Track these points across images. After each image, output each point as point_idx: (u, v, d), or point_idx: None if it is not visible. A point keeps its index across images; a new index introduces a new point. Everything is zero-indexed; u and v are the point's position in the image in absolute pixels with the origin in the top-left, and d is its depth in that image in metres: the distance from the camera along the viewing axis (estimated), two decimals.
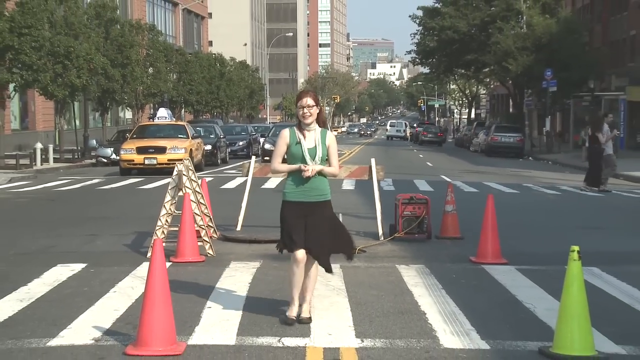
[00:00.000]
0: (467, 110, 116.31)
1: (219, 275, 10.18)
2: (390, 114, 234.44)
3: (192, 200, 11.63)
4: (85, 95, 39.89)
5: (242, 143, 43.97)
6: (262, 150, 36.95)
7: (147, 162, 28.45)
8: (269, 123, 76.38)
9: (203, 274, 10.33)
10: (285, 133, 7.65)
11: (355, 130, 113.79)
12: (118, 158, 30.35)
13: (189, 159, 13.75)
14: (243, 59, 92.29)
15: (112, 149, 35.01)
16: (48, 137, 42.36)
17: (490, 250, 11.28)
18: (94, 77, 36.57)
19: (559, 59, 49.44)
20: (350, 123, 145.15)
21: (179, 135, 30.87)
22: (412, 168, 36.24)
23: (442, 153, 56.67)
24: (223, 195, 19.81)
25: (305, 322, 7.59)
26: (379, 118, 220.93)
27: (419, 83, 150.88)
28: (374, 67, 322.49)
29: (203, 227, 11.93)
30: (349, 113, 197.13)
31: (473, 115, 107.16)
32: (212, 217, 12.82)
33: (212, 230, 12.53)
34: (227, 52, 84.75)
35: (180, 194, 11.82)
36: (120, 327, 7.74)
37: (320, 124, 7.69)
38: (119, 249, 12.44)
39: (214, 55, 73.84)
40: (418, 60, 77.23)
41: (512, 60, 52.68)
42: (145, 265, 9.88)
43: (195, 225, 11.60)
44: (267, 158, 30.77)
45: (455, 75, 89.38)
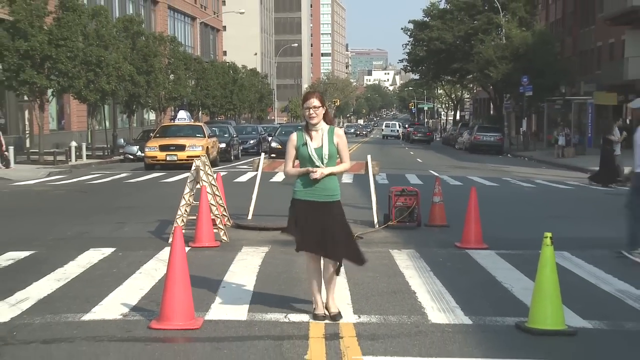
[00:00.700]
0: (452, 113, 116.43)
1: (232, 259, 10.19)
2: (384, 116, 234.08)
3: (208, 192, 11.65)
4: (114, 99, 39.91)
5: (252, 141, 43.93)
6: (269, 148, 36.95)
7: (168, 158, 28.62)
8: (276, 124, 76.22)
9: (218, 258, 10.35)
10: (293, 136, 7.07)
11: (352, 131, 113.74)
12: (143, 155, 30.44)
13: (206, 156, 13.77)
14: (253, 67, 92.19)
15: (137, 147, 34.98)
16: (81, 136, 42.38)
17: (473, 237, 11.31)
18: (122, 83, 36.57)
19: (534, 67, 49.48)
20: (348, 124, 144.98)
21: (197, 135, 30.88)
22: (404, 164, 36.22)
23: (430, 150, 56.63)
24: (236, 188, 19.82)
25: (338, 318, 6.98)
26: (375, 119, 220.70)
27: (410, 88, 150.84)
28: (370, 74, 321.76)
29: (218, 216, 11.95)
30: (348, 115, 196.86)
31: (458, 117, 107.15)
32: (226, 207, 12.83)
33: (226, 219, 12.54)
34: (239, 60, 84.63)
35: (198, 187, 11.84)
36: (145, 304, 7.77)
37: (328, 123, 7.08)
38: (144, 235, 12.46)
39: (228, 64, 73.79)
40: (409, 68, 77.31)
41: (492, 68, 52.78)
42: (167, 250, 9.88)
43: (211, 214, 11.61)
44: (273, 155, 30.76)
45: (442, 81, 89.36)
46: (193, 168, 12.03)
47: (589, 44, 56.61)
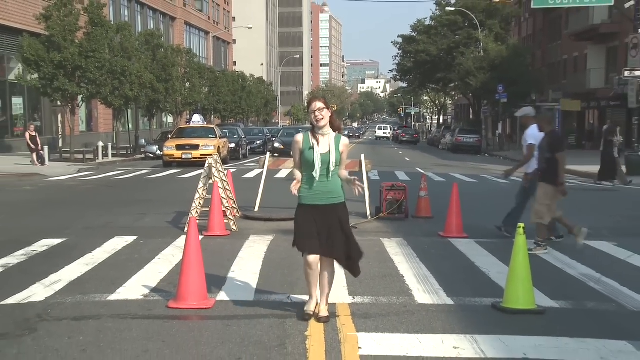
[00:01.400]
0: (436, 117, 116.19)
1: (241, 246, 10.20)
2: (376, 120, 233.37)
3: (219, 187, 11.65)
4: (137, 104, 39.83)
5: (259, 142, 43.91)
6: (272, 148, 36.93)
7: (184, 156, 28.55)
8: (280, 126, 76.23)
9: (228, 245, 10.35)
10: (299, 138, 6.27)
11: (346, 133, 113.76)
12: (162, 153, 30.36)
13: (218, 155, 13.74)
14: (260, 76, 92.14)
15: (157, 147, 34.86)
16: (107, 137, 42.33)
17: (455, 227, 11.32)
18: (144, 90, 36.52)
19: (509, 77, 49.48)
20: (343, 127, 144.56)
21: (209, 136, 30.73)
22: (393, 162, 36.20)
23: (417, 150, 56.60)
24: (244, 183, 19.81)
25: (324, 321, 6.27)
26: (367, 123, 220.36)
27: (399, 95, 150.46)
28: (364, 82, 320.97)
29: (228, 208, 11.95)
30: (344, 119, 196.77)
31: (441, 121, 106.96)
32: (235, 200, 12.83)
33: (235, 211, 12.54)
34: (247, 70, 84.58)
35: (211, 182, 11.85)
36: (164, 286, 7.77)
37: (335, 130, 6.32)
38: (163, 225, 12.46)
39: (237, 73, 73.70)
40: (398, 77, 77.14)
41: (472, 78, 52.78)
42: (183, 238, 9.87)
43: (222, 207, 11.62)
44: (276, 154, 30.78)
45: (428, 89, 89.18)
46: (206, 165, 12.04)
47: (556, 57, 56.78)
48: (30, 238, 10.85)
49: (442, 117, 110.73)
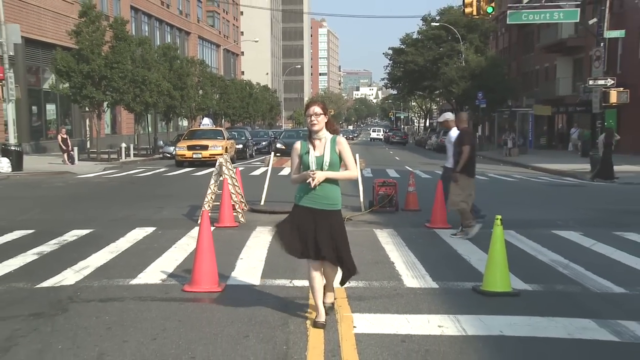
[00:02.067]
0: (423, 120, 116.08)
1: (248, 236, 10.19)
2: (369, 123, 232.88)
3: (229, 183, 11.64)
4: (155, 110, 39.79)
5: (264, 143, 43.78)
6: (275, 149, 36.77)
7: (194, 156, 28.13)
8: (282, 129, 76.18)
9: (237, 235, 10.34)
10: (297, 145, 5.68)
11: (341, 135, 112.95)
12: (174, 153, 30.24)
13: (228, 154, 13.70)
14: (265, 84, 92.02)
15: (173, 147, 34.82)
16: (130, 139, 42.31)
17: (439, 218, 11.33)
18: (161, 97, 36.47)
19: (487, 85, 49.42)
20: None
21: (218, 137, 30.33)
22: (385, 161, 36.19)
23: (406, 150, 56.58)
24: (251, 180, 19.80)
25: (329, 311, 5.88)
26: (361, 126, 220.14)
27: (390, 101, 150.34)
28: (358, 89, 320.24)
29: (237, 202, 11.94)
30: (340, 122, 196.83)
31: (428, 124, 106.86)
32: (243, 195, 12.82)
33: (243, 205, 12.53)
34: (254, 79, 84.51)
35: (221, 179, 11.84)
36: (179, 272, 7.76)
37: (332, 132, 5.68)
38: (178, 217, 12.45)
39: (245, 81, 73.67)
40: (389, 85, 77.26)
41: (455, 86, 52.74)
42: (196, 229, 9.88)
43: (232, 201, 11.61)
44: (278, 154, 30.59)
45: (415, 95, 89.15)
46: (217, 164, 12.04)
47: (529, 67, 56.75)
48: (62, 229, 10.86)
49: (428, 120, 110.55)
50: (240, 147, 34.55)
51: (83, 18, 31.23)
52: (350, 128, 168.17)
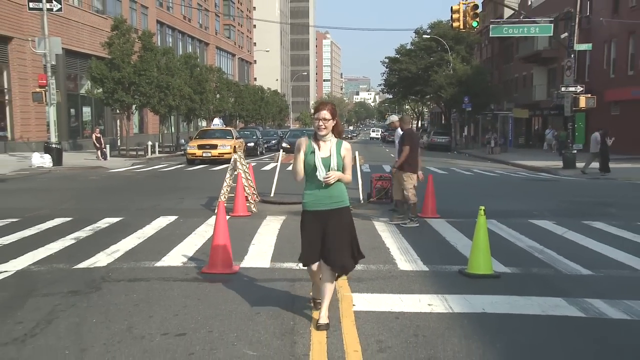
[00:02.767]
0: (416, 122, 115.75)
1: (259, 224, 10.18)
2: (368, 124, 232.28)
3: (243, 177, 11.63)
4: (178, 112, 39.78)
5: (274, 141, 43.64)
6: (281, 147, 36.55)
7: (204, 155, 26.42)
8: (290, 129, 76.13)
9: (249, 224, 10.32)
10: (303, 141, 4.99)
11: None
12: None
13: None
14: (275, 89, 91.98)
15: None
16: (155, 137, 42.35)
17: (430, 209, 11.30)
18: (183, 100, 36.47)
19: (472, 91, 49.26)
20: None
21: (227, 137, 28.38)
22: (381, 158, 36.09)
23: None
24: (262, 174, 19.80)
25: (323, 328, 4.95)
26: (360, 127, 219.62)
27: (386, 104, 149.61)
28: (358, 94, 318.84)
29: (249, 194, 11.94)
30: (342, 123, 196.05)
31: (419, 125, 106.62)
32: (255, 187, 12.82)
33: (255, 196, 12.53)
34: (265, 84, 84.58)
35: (235, 173, 11.83)
36: (198, 255, 7.76)
37: (336, 135, 5.04)
38: (197, 207, 12.44)
39: (257, 87, 73.62)
40: (385, 90, 76.66)
41: (443, 91, 52.54)
42: (213, 218, 9.86)
43: (245, 193, 11.61)
44: (284, 152, 30.44)
45: (409, 99, 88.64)
46: (232, 160, 12.03)
47: (509, 75, 56.63)
48: (96, 217, 10.88)
49: (420, 122, 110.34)
50: (252, 145, 34.32)
51: (115, 31, 31.27)
52: (351, 128, 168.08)
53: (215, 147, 26.73)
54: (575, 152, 25.98)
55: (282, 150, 15.92)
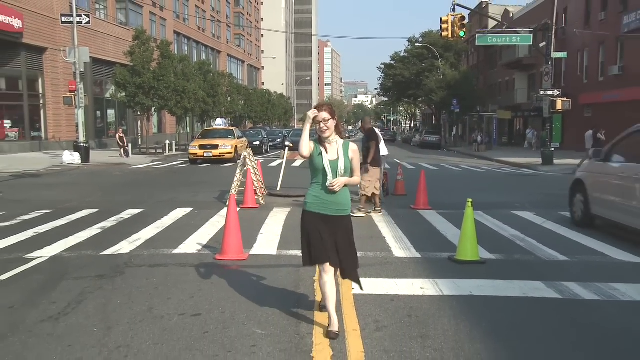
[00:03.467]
0: (409, 122, 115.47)
1: (267, 215, 10.17)
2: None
3: (252, 172, 11.62)
4: (193, 113, 39.82)
5: (279, 140, 43.54)
6: (284, 146, 36.05)
7: (205, 155, 24.25)
8: (293, 129, 76.19)
9: (258, 215, 10.32)
10: (311, 143, 4.44)
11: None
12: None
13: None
14: (281, 92, 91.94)
15: None
16: (172, 137, 42.31)
17: (422, 202, 11.28)
18: (198, 103, 36.48)
19: (460, 94, 49.17)
20: None
21: (228, 137, 25.93)
22: None
23: (394, 146, 56.24)
24: (269, 170, 19.79)
25: (331, 335, 4.33)
26: (358, 127, 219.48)
27: (382, 106, 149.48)
28: (356, 97, 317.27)
29: (258, 187, 11.92)
30: (342, 124, 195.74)
31: (412, 125, 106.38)
32: (263, 182, 12.81)
33: (263, 190, 12.52)
34: (272, 88, 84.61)
35: (245, 169, 11.82)
36: (212, 243, 7.75)
37: (338, 134, 4.51)
38: (211, 200, 12.44)
39: (265, 90, 73.69)
40: (381, 93, 76.74)
41: (434, 94, 52.46)
42: (225, 209, 9.82)
43: (254, 187, 11.60)
44: (289, 151, 30.20)
45: (403, 102, 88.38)
46: (242, 157, 12.03)
47: (494, 80, 56.49)
48: (119, 208, 10.89)
49: (413, 122, 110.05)
50: (258, 144, 33.86)
51: (136, 41, 31.30)
52: (350, 128, 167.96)
53: (217, 147, 24.60)
54: (553, 150, 25.99)
55: (287, 149, 15.92)
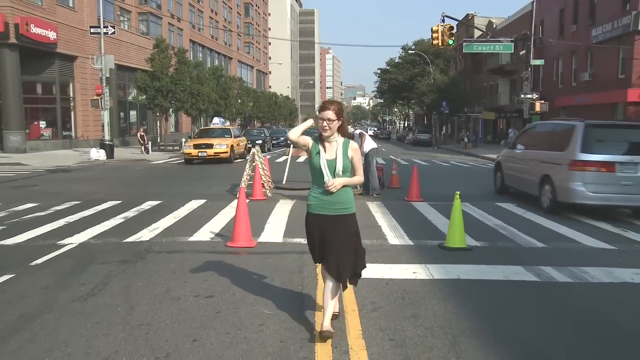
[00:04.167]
0: (403, 122, 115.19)
1: (274, 207, 10.15)
2: (363, 124, 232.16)
3: (260, 167, 11.60)
4: (206, 114, 39.70)
5: (282, 138, 43.00)
6: (285, 140, 35.17)
7: (200, 154, 21.54)
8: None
9: (265, 206, 10.30)
10: (310, 140, 3.91)
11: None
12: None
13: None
14: (287, 95, 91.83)
15: None
16: (188, 135, 42.31)
17: (415, 194, 11.25)
18: (211, 104, 36.34)
19: (449, 97, 49.03)
20: None
21: (225, 136, 23.21)
22: None
23: (389, 144, 56.23)
24: (275, 165, 19.74)
25: (325, 335, 3.84)
26: (357, 126, 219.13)
27: (378, 107, 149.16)
28: (355, 99, 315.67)
29: (265, 181, 11.91)
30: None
31: (406, 124, 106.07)
32: (270, 176, 12.79)
33: (270, 183, 12.50)
34: (278, 90, 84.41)
35: (254, 164, 11.80)
36: (223, 232, 7.74)
37: (343, 136, 3.88)
38: (222, 192, 12.41)
39: (272, 93, 73.57)
40: (378, 95, 76.67)
41: (426, 97, 52.32)
42: (235, 201, 9.80)
43: (261, 180, 11.58)
44: (293, 148, 29.91)
45: (397, 104, 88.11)
46: (250, 153, 12.03)
47: (479, 84, 56.24)
48: (140, 200, 10.89)
49: (406, 122, 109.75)
50: (260, 142, 33.21)
51: (156, 49, 31.26)
52: (350, 128, 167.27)
53: (211, 146, 21.77)
54: None
55: (291, 146, 15.89)
